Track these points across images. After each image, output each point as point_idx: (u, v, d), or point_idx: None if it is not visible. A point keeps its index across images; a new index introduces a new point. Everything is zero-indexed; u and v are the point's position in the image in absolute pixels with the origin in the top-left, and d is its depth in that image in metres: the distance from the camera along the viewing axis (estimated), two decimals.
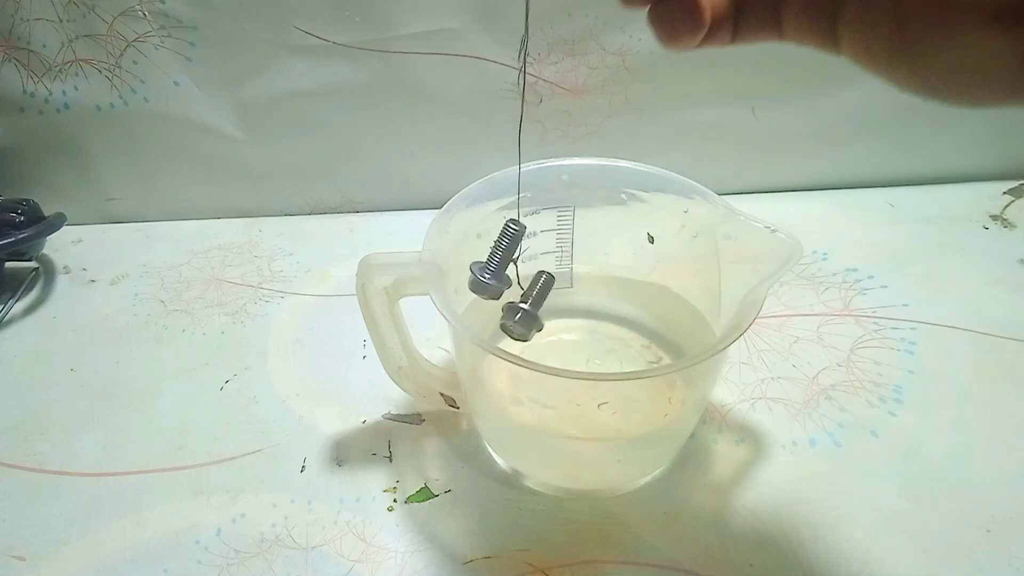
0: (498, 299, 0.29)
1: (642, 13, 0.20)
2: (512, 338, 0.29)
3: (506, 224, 0.28)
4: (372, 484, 0.33)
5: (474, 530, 0.31)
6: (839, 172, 0.51)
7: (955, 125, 0.49)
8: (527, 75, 0.46)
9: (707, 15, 0.20)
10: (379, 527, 0.31)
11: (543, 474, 0.32)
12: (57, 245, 0.49)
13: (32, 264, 0.48)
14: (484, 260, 0.28)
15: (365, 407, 0.36)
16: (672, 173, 0.32)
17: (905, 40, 0.17)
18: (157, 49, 0.45)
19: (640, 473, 0.32)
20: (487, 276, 0.28)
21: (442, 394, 0.33)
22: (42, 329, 0.43)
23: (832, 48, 0.19)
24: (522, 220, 0.34)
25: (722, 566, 0.29)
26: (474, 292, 0.28)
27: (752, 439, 0.34)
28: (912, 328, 0.40)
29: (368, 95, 0.47)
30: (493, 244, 0.28)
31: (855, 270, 0.44)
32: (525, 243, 0.35)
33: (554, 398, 0.30)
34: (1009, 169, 0.51)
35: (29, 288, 0.46)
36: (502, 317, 0.29)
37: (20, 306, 0.45)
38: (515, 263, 0.29)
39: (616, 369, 0.36)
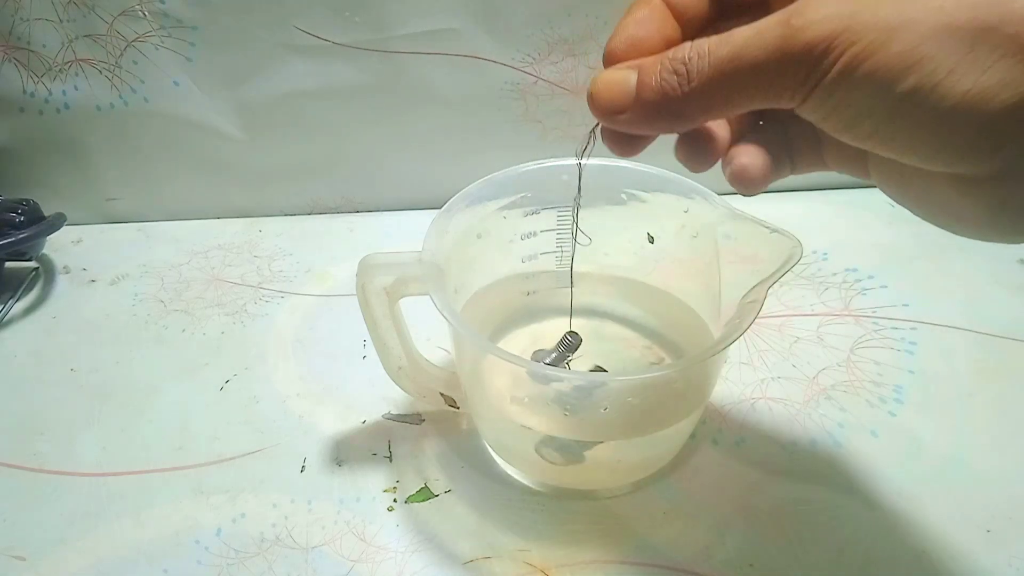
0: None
1: None
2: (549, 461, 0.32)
3: (566, 335, 0.34)
4: (372, 484, 0.33)
5: (474, 530, 0.31)
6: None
7: None
8: (527, 73, 0.46)
9: (768, 174, 0.25)
10: (379, 527, 0.31)
11: (543, 474, 0.32)
12: (57, 245, 0.49)
13: (32, 264, 0.48)
14: (545, 351, 0.34)
15: (365, 407, 0.36)
16: (672, 173, 0.32)
17: (908, 183, 0.22)
18: (157, 49, 0.45)
19: (640, 473, 0.32)
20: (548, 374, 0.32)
21: (442, 394, 0.33)
22: (42, 329, 0.43)
23: (865, 178, 0.25)
24: (521, 220, 0.34)
25: (722, 566, 0.29)
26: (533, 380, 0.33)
27: (752, 439, 0.34)
28: (912, 328, 0.40)
29: (368, 95, 0.47)
30: (555, 346, 0.34)
31: (855, 270, 0.44)
32: (525, 244, 0.35)
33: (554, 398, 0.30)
34: None
35: (29, 288, 0.46)
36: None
37: (20, 306, 0.45)
38: (567, 365, 0.34)
39: (617, 369, 0.36)
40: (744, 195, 0.26)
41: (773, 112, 0.25)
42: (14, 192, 0.46)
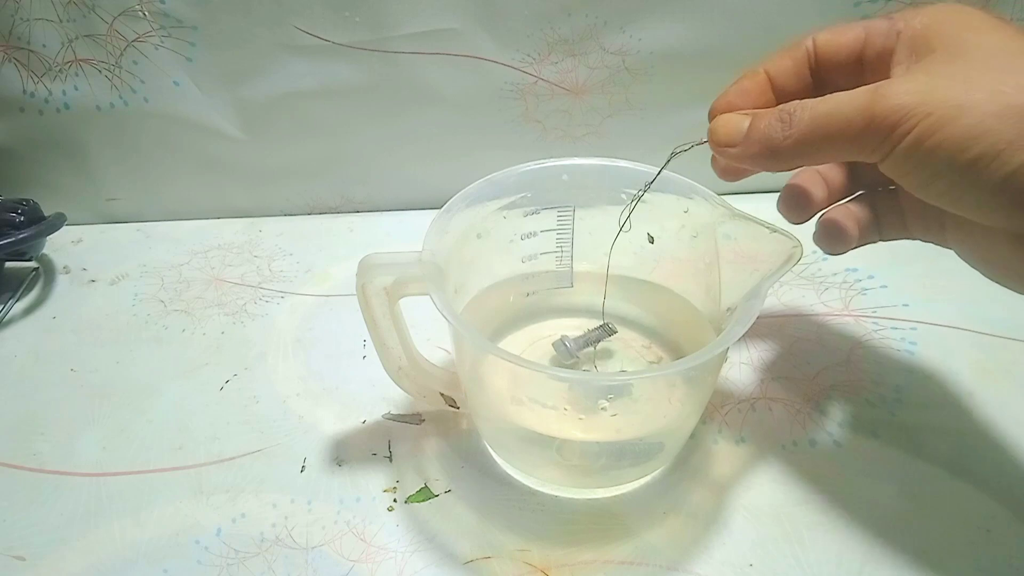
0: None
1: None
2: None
3: (604, 323, 0.36)
4: (372, 484, 0.33)
5: (474, 530, 0.31)
6: None
7: None
8: (527, 73, 0.46)
9: (855, 233, 0.30)
10: (379, 527, 0.31)
11: (543, 474, 0.32)
12: (57, 245, 0.49)
13: (32, 264, 0.48)
14: (574, 336, 0.36)
15: (365, 407, 0.36)
16: (672, 173, 0.32)
17: (976, 244, 0.27)
18: (157, 49, 0.45)
19: (640, 473, 0.32)
20: (568, 344, 0.36)
21: (442, 394, 0.33)
22: (42, 329, 0.43)
23: (943, 244, 0.29)
24: (521, 220, 0.34)
25: (722, 566, 0.29)
26: (555, 350, 0.36)
27: (752, 439, 0.34)
28: (912, 328, 0.40)
29: (368, 95, 0.47)
30: (589, 329, 0.36)
31: (855, 270, 0.44)
32: (525, 244, 0.35)
33: (554, 398, 0.30)
34: None
35: (29, 288, 0.46)
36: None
37: (20, 306, 0.45)
38: (594, 347, 0.36)
39: (617, 369, 0.36)
40: (829, 253, 0.31)
41: (864, 186, 0.31)
42: (14, 192, 0.46)
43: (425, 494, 0.32)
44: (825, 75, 0.28)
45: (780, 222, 0.29)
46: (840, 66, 0.27)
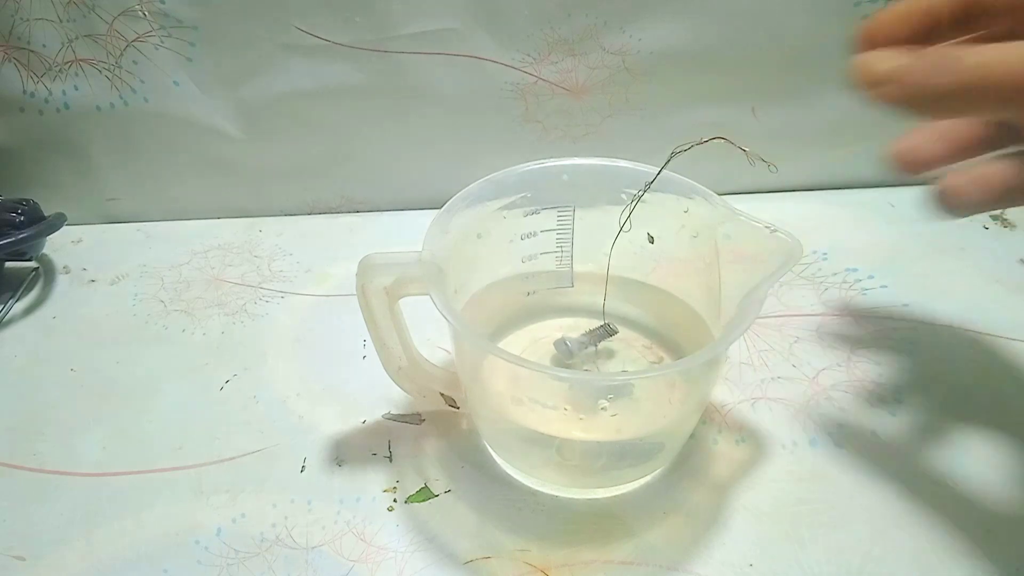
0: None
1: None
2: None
3: (605, 323, 0.36)
4: (372, 484, 0.33)
5: (474, 530, 0.31)
6: (839, 172, 0.51)
7: None
8: (527, 73, 0.46)
9: (975, 198, 0.26)
10: (379, 527, 0.31)
11: (543, 474, 0.32)
12: (57, 245, 0.49)
13: (32, 264, 0.48)
14: (575, 337, 0.36)
15: (365, 407, 0.36)
16: (672, 173, 0.32)
17: None
18: (157, 49, 0.45)
19: (640, 473, 0.32)
20: (569, 344, 0.35)
21: (442, 394, 0.33)
22: (42, 329, 0.43)
23: None
24: (521, 220, 0.34)
25: (722, 566, 0.29)
26: (556, 349, 0.36)
27: (752, 439, 0.34)
28: (912, 328, 0.40)
29: (368, 95, 0.47)
30: (591, 329, 0.36)
31: (855, 270, 0.44)
32: (525, 244, 0.35)
33: (554, 398, 0.30)
34: None
35: (29, 288, 0.46)
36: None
37: (20, 306, 0.45)
38: (595, 346, 0.36)
39: (617, 369, 0.36)
40: (949, 214, 0.27)
41: (1009, 143, 0.28)
42: (14, 192, 0.46)
43: (425, 494, 0.32)
44: (982, 17, 0.26)
45: (780, 222, 0.29)
46: (1002, 10, 0.25)
